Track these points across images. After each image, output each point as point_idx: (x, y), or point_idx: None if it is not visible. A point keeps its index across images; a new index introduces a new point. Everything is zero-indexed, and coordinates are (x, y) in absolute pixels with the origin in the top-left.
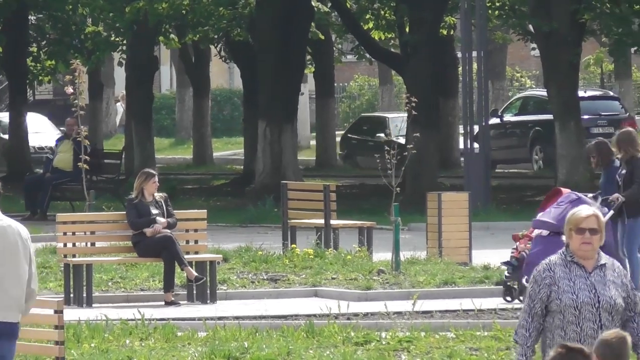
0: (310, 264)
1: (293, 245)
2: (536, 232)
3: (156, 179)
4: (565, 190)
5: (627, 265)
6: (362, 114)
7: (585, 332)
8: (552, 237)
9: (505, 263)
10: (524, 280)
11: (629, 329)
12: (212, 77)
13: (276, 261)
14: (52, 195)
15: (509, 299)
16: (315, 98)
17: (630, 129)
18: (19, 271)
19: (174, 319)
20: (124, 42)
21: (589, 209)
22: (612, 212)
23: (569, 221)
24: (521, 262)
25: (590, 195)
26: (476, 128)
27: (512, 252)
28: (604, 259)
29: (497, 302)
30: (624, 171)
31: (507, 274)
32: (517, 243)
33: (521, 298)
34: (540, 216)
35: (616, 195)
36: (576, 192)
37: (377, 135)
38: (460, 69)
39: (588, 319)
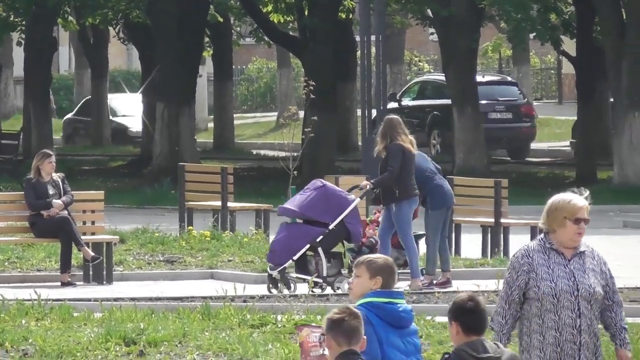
0: (206, 246)
1: (190, 227)
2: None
3: (53, 159)
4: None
5: (406, 253)
6: None
7: (563, 320)
8: (296, 225)
9: (350, 250)
10: (269, 269)
11: (606, 318)
12: (111, 58)
13: (173, 243)
14: None
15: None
16: (214, 81)
17: (394, 116)
18: None
19: (70, 300)
20: (23, 22)
21: (580, 198)
22: (359, 199)
23: (562, 209)
24: (371, 247)
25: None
26: (374, 112)
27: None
28: (583, 246)
29: (399, 285)
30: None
31: (351, 260)
32: (366, 228)
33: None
34: (286, 203)
35: (365, 182)
36: (322, 179)
37: None
38: (358, 52)
39: (566, 307)
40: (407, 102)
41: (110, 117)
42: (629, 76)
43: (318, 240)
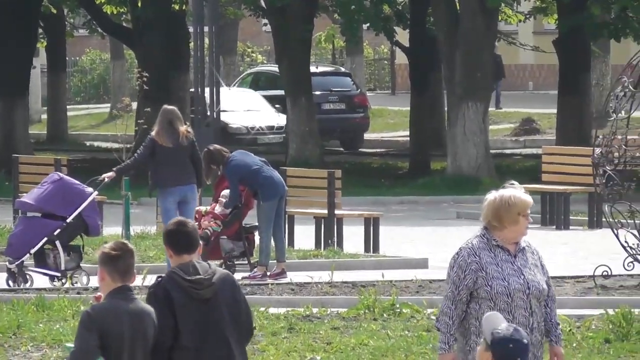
0: None
1: None
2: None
3: None
4: None
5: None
6: None
7: (517, 319)
8: (34, 218)
9: None
10: (8, 263)
11: (542, 313)
12: None
13: (7, 235)
14: None
15: None
16: (47, 72)
17: (166, 106)
18: None
19: None
20: None
21: (523, 192)
22: (96, 192)
23: (515, 205)
24: (206, 239)
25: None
26: None
27: None
28: (523, 241)
29: (237, 276)
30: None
31: None
32: (201, 220)
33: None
34: (24, 197)
35: (110, 174)
36: (59, 173)
37: None
38: (192, 44)
39: (520, 306)
40: None
41: None
42: (462, 67)
43: (56, 233)
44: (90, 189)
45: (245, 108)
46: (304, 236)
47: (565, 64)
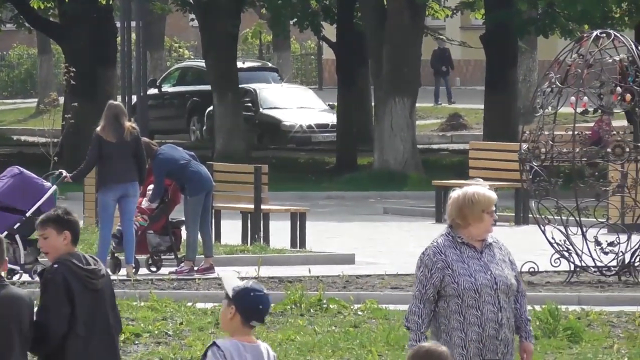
0: None
1: None
2: None
3: None
4: None
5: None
6: None
7: (485, 315)
8: None
9: (113, 236)
10: None
11: (512, 309)
12: None
13: None
14: None
15: (117, 271)
16: None
17: (112, 102)
18: None
19: None
20: None
21: (487, 189)
22: (55, 187)
23: (478, 202)
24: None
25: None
26: (134, 98)
27: (119, 225)
28: (490, 237)
29: (162, 271)
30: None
31: (113, 246)
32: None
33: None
34: None
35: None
36: (19, 167)
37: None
38: (119, 38)
39: (488, 301)
40: (167, 88)
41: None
42: (389, 62)
43: (15, 227)
44: (48, 184)
45: (298, 105)
46: (231, 231)
47: (492, 60)
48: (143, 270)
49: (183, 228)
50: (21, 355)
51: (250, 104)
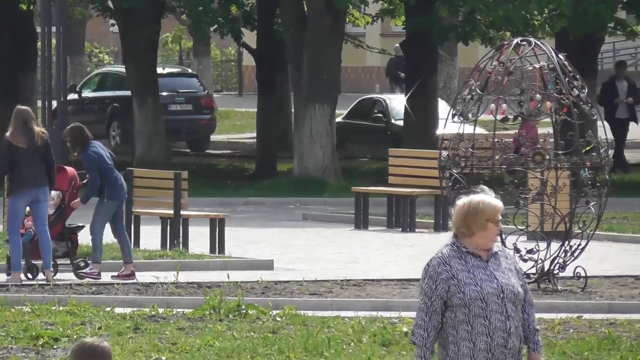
0: None
1: None
2: None
3: None
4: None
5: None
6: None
7: (493, 324)
8: None
9: (6, 241)
10: None
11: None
12: None
13: None
14: None
15: (29, 275)
16: None
17: (19, 107)
18: None
19: None
20: None
21: (493, 197)
22: None
23: (483, 211)
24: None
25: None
26: (54, 103)
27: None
28: (495, 247)
29: (71, 277)
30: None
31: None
32: (25, 220)
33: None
34: None
35: None
36: None
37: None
38: (39, 43)
39: (495, 310)
40: (87, 93)
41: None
42: (309, 68)
43: None
44: None
45: None
46: (150, 236)
47: (411, 67)
48: (63, 275)
49: (80, 233)
50: None
51: (380, 115)
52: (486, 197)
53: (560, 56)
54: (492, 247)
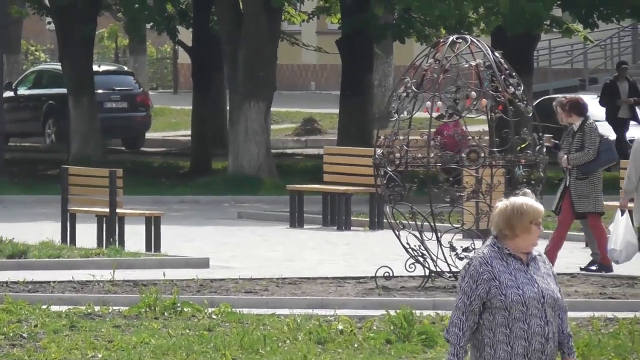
0: None
1: None
2: None
3: None
4: None
5: None
6: None
7: (532, 329)
8: None
9: None
10: None
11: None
12: None
13: None
14: None
15: None
16: None
17: None
18: None
19: None
20: None
21: (534, 200)
22: None
23: (527, 213)
24: None
25: None
26: None
27: None
28: (535, 251)
29: (8, 275)
30: None
31: None
32: None
33: None
34: None
35: None
36: None
37: None
38: None
39: (535, 315)
40: (22, 91)
41: None
42: (245, 66)
43: None
44: None
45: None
46: (86, 234)
47: (347, 65)
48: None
49: None
50: None
51: None
52: (528, 199)
53: (496, 54)
54: (532, 250)
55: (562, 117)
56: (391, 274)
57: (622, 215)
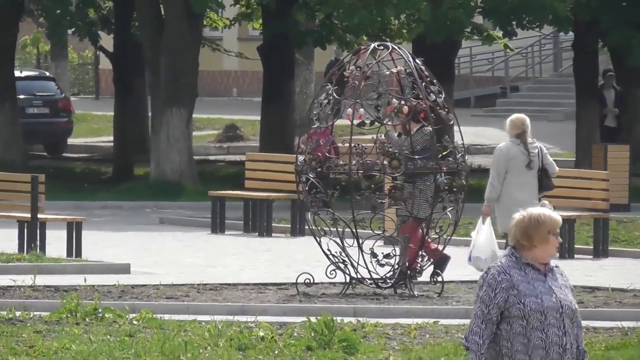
0: None
1: None
2: None
3: None
4: None
5: None
6: None
7: (550, 339)
8: None
9: None
10: None
11: None
12: None
13: None
14: None
15: None
16: None
17: None
18: None
19: None
20: None
21: (552, 211)
22: None
23: (545, 223)
24: None
25: None
26: None
27: None
28: (552, 262)
29: None
30: None
31: None
32: None
33: None
34: None
35: None
36: None
37: None
38: None
39: (553, 324)
40: None
41: None
42: (167, 72)
43: None
44: None
45: None
46: (7, 240)
47: (269, 71)
48: None
49: None
50: None
51: None
52: (545, 210)
53: (417, 61)
54: (550, 261)
55: None
56: (312, 281)
57: (484, 223)
